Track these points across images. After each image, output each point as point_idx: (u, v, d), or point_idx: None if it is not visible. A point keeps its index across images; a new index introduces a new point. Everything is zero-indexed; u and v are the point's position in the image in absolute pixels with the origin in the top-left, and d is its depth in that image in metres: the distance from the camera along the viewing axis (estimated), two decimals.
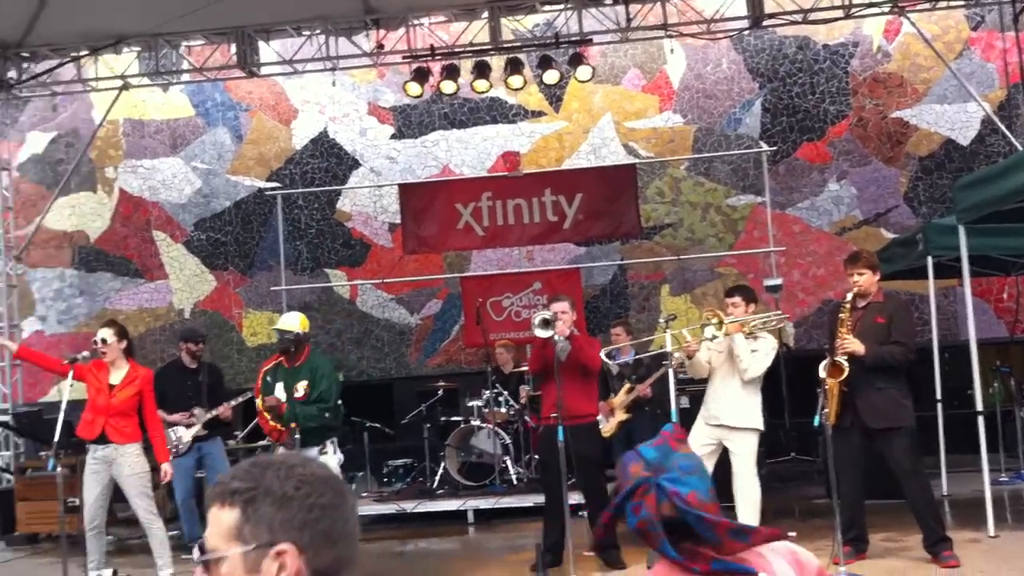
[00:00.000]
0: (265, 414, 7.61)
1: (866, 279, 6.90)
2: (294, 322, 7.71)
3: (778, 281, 10.58)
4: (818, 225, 12.66)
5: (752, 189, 12.67)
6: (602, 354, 7.66)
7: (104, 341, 7.63)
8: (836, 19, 11.42)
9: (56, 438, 7.39)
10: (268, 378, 7.65)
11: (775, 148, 12.44)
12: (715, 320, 6.92)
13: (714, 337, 6.92)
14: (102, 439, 7.55)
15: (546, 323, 7.10)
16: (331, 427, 7.70)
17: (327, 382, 7.61)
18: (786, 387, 10.33)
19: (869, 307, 6.90)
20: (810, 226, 12.67)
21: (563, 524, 7.05)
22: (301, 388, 7.49)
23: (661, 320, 7.44)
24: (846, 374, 6.68)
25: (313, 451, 7.31)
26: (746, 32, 12.12)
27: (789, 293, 12.14)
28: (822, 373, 6.78)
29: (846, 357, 6.71)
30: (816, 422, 6.63)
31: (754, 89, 12.87)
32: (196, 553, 1.63)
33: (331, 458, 7.53)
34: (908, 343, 6.80)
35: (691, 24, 11.42)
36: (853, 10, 11.09)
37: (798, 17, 11.27)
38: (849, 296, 6.91)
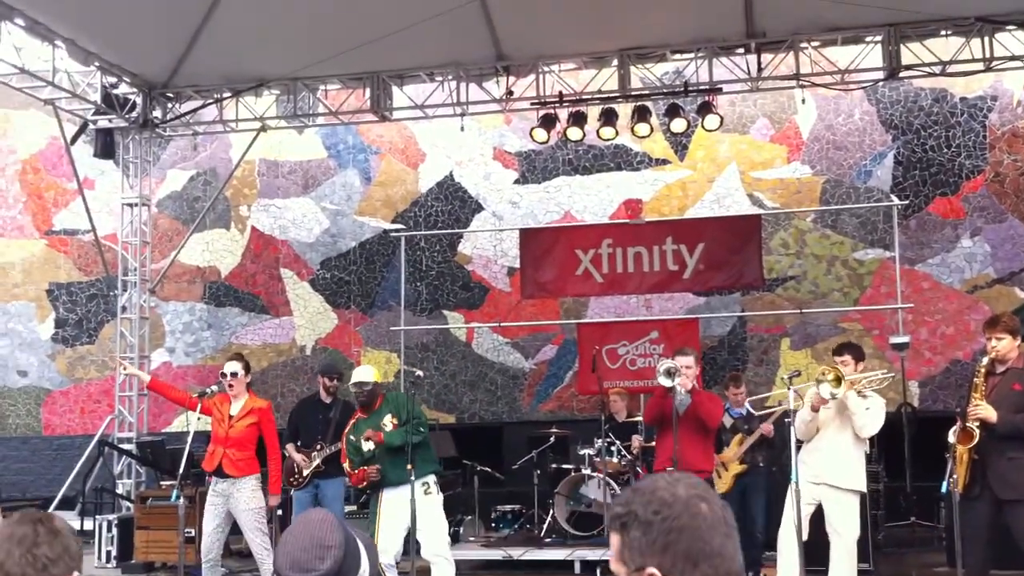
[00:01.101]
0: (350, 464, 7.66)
1: (1005, 344, 6.57)
2: (369, 374, 7.75)
3: (905, 339, 10.19)
4: (948, 282, 12.18)
5: (880, 243, 12.29)
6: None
7: (234, 374, 7.84)
8: (975, 72, 11.04)
9: (181, 469, 7.61)
10: (351, 437, 7.62)
11: (907, 202, 12.06)
12: (831, 376, 6.71)
13: (833, 396, 6.72)
14: (219, 471, 7.72)
15: (670, 373, 7.02)
16: (430, 460, 7.69)
17: (410, 405, 7.65)
18: (908, 448, 9.91)
19: (1007, 373, 6.57)
20: (940, 283, 12.20)
21: None
22: (388, 423, 7.50)
23: (785, 376, 7.27)
24: (976, 441, 6.38)
25: (418, 488, 7.30)
26: (881, 83, 11.84)
27: (915, 352, 11.69)
28: (951, 438, 6.49)
29: (977, 424, 6.41)
30: (944, 488, 6.38)
31: (886, 141, 12.53)
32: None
33: (436, 498, 7.52)
34: None
35: (824, 74, 11.20)
36: (994, 63, 10.71)
37: (936, 69, 10.94)
38: (985, 360, 6.61)
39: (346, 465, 7.69)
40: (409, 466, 7.11)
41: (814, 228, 12.63)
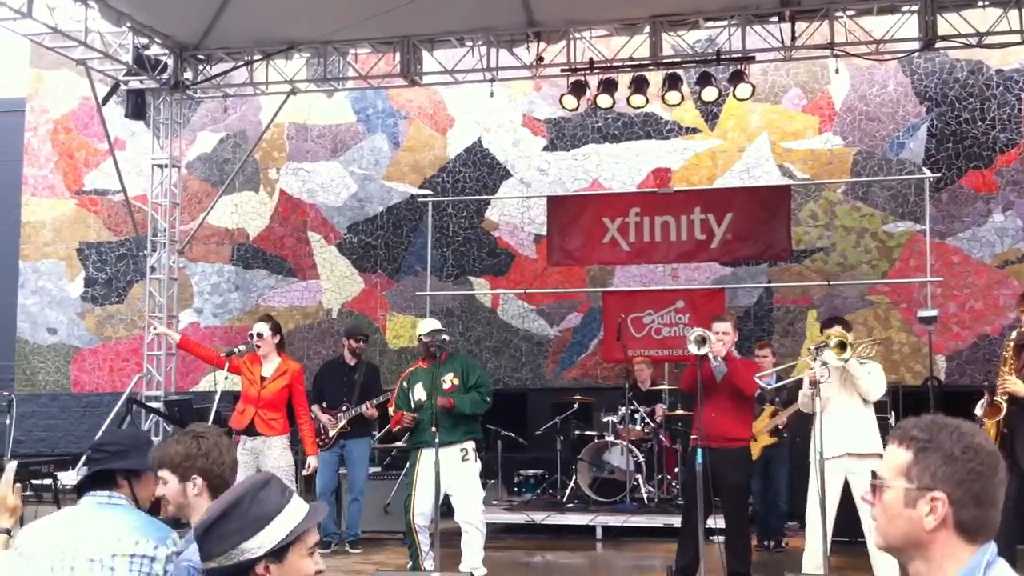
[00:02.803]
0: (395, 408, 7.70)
1: None
2: (439, 326, 7.76)
3: (933, 312, 10.11)
4: (979, 256, 12.06)
5: (911, 216, 12.18)
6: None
7: (260, 335, 7.88)
8: (1013, 44, 10.88)
9: None
10: (404, 384, 7.67)
11: (939, 174, 11.93)
12: (835, 343, 6.65)
13: (841, 362, 6.66)
14: (251, 430, 7.79)
15: (702, 340, 6.98)
16: (473, 427, 7.71)
17: (479, 371, 7.69)
18: None
19: None
20: (970, 257, 12.08)
21: (696, 548, 6.89)
22: (448, 381, 7.47)
23: (811, 347, 7.20)
24: (1003, 414, 6.35)
25: (453, 452, 7.34)
26: (916, 54, 11.69)
27: (943, 326, 11.60)
28: (978, 412, 6.46)
29: (1006, 397, 6.37)
30: None
31: (920, 113, 12.38)
32: (867, 480, 2.00)
33: (473, 465, 7.54)
34: None
35: (858, 44, 11.07)
36: None
37: (972, 40, 10.78)
38: (1014, 333, 6.57)
39: (391, 408, 7.74)
40: (433, 428, 7.12)
41: (844, 200, 12.53)
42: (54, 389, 14.56)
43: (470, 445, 7.55)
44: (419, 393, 7.52)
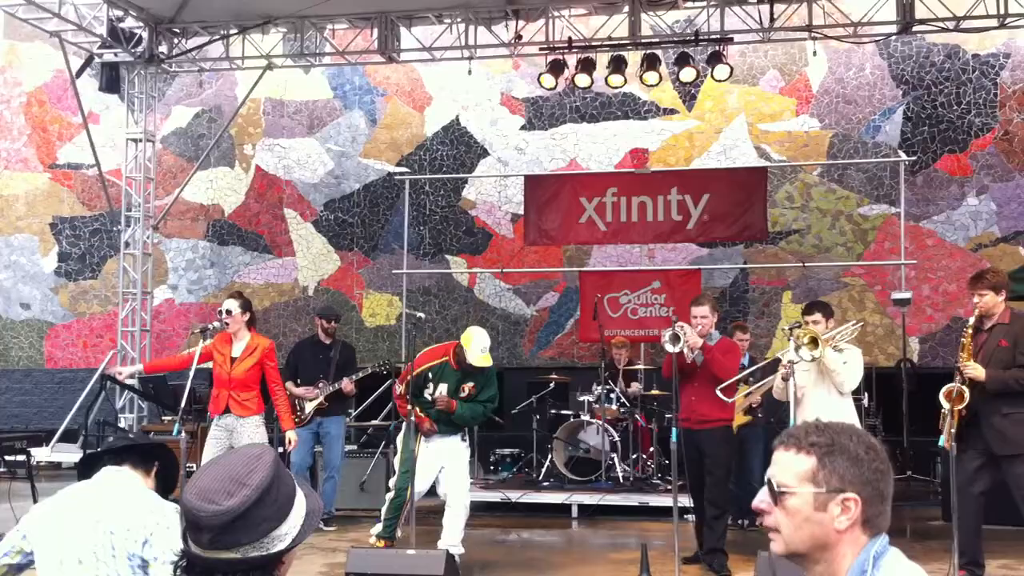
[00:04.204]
0: (407, 403, 7.43)
1: (988, 299, 6.58)
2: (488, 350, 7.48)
3: (907, 295, 10.20)
4: (953, 240, 12.18)
5: (886, 199, 12.28)
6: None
7: (229, 312, 7.77)
8: (989, 28, 10.94)
9: (182, 404, 7.64)
10: (430, 374, 7.44)
11: (914, 158, 12.02)
12: (807, 339, 6.70)
13: (813, 359, 6.71)
14: (226, 413, 7.74)
15: (675, 338, 7.01)
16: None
17: (494, 388, 7.60)
18: (906, 404, 9.96)
19: (994, 329, 6.59)
20: (944, 240, 12.20)
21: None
22: (467, 389, 7.42)
23: (785, 327, 7.24)
24: (966, 401, 6.42)
25: (455, 438, 7.42)
26: (893, 37, 11.74)
27: (917, 308, 11.72)
28: (941, 397, 6.53)
29: (967, 382, 6.44)
30: (940, 443, 6.43)
31: (897, 96, 12.46)
32: (763, 494, 1.99)
33: (466, 448, 7.63)
34: None
35: (836, 27, 11.10)
36: (1008, 20, 10.62)
37: (950, 24, 10.85)
38: (971, 319, 6.63)
39: (400, 387, 7.51)
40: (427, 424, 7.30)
41: (820, 182, 12.61)
42: (28, 365, 14.46)
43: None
44: (440, 391, 7.43)
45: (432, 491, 7.59)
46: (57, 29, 11.49)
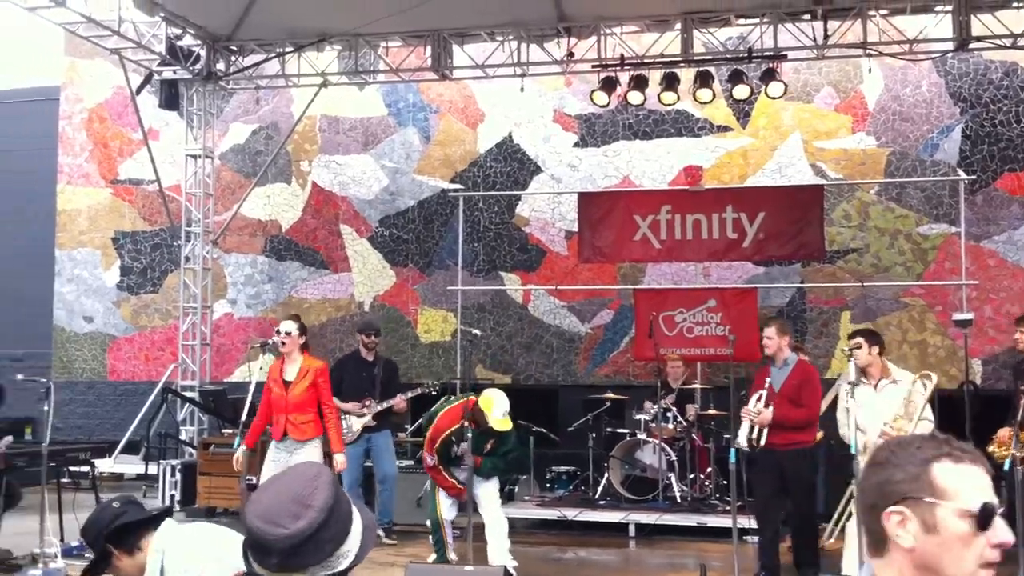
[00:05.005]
0: (441, 470, 7.67)
1: None
2: (504, 423, 7.53)
3: (968, 316, 10.09)
4: (1015, 260, 12.03)
5: (946, 218, 12.16)
6: None
7: (288, 333, 7.89)
8: None
9: (243, 418, 7.77)
10: (452, 439, 7.53)
11: (974, 176, 11.90)
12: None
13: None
14: (285, 437, 7.85)
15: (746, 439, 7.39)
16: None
17: (510, 444, 7.66)
18: (969, 426, 9.85)
19: None
20: (1007, 260, 12.05)
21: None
22: (490, 444, 7.54)
23: (845, 348, 7.23)
24: None
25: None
26: (950, 55, 11.65)
27: (979, 329, 11.57)
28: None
29: None
30: (1006, 467, 6.42)
31: (955, 114, 12.35)
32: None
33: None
34: None
35: (892, 44, 11.05)
36: None
37: (1007, 42, 10.75)
38: None
39: (432, 460, 7.64)
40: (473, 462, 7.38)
41: (878, 201, 12.51)
42: (90, 377, 14.74)
43: None
44: (463, 448, 7.47)
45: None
46: (117, 47, 11.71)
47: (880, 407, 6.93)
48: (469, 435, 7.27)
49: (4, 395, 10.20)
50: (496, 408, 7.37)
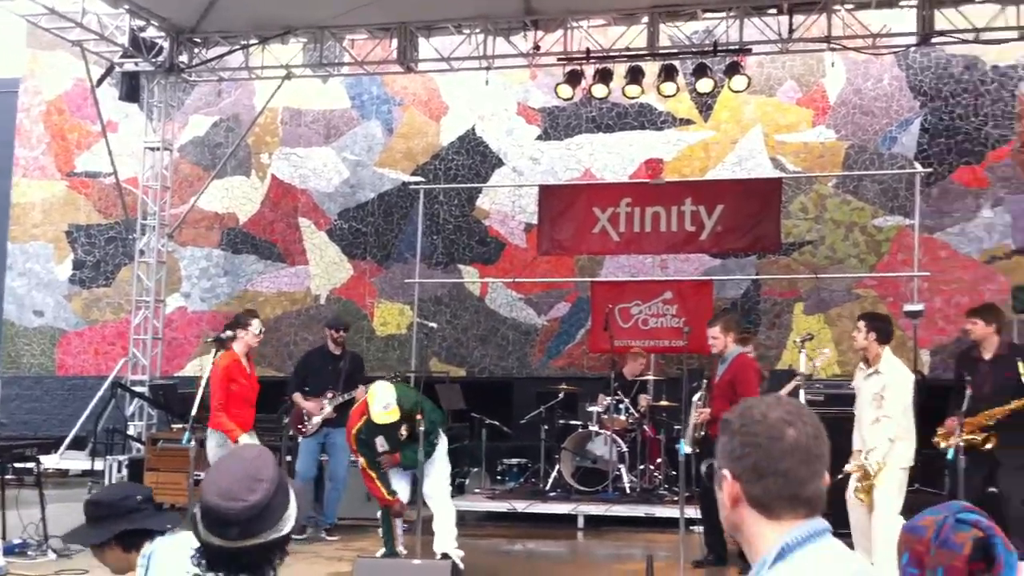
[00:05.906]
0: (371, 474, 7.41)
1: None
2: (391, 414, 7.13)
3: (919, 307, 10.07)
4: (967, 252, 12.01)
5: (901, 211, 12.14)
6: None
7: (263, 331, 8.25)
8: (1009, 40, 10.83)
9: (192, 412, 7.66)
10: (362, 436, 7.33)
11: (930, 169, 11.88)
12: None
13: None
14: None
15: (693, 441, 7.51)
16: (437, 416, 7.66)
17: (425, 411, 7.32)
18: (916, 416, 9.81)
19: None
20: (958, 252, 12.03)
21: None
22: (404, 432, 7.28)
23: (797, 340, 7.26)
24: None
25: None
26: (912, 49, 11.65)
27: (929, 320, 11.52)
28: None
29: None
30: (950, 456, 6.46)
31: (914, 108, 12.33)
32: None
33: (441, 445, 7.58)
34: None
35: (855, 38, 11.03)
36: None
37: (969, 36, 10.75)
38: None
39: (361, 461, 7.39)
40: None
41: (835, 193, 12.49)
42: (39, 372, 14.53)
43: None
44: (381, 445, 7.32)
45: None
46: (79, 39, 11.58)
47: (864, 394, 6.96)
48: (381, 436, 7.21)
49: None
50: (376, 402, 7.06)
